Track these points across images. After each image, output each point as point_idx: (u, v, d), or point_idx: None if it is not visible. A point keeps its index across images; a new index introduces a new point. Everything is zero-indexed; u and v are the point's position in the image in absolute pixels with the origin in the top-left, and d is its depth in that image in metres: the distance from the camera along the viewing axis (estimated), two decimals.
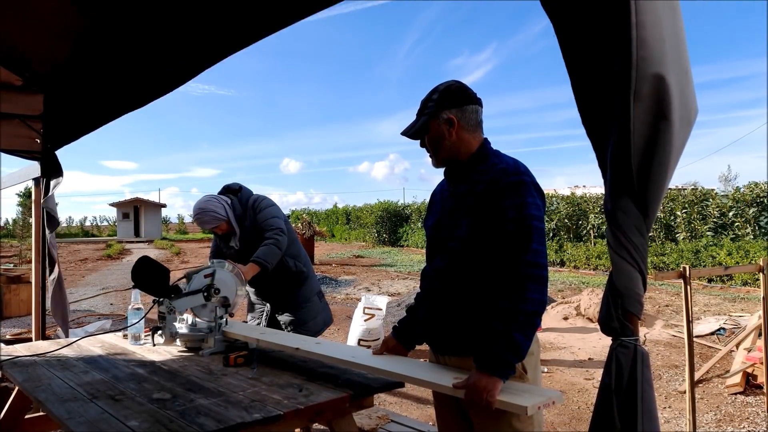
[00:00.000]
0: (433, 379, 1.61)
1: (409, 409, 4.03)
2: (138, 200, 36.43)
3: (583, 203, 16.31)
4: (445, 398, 1.68)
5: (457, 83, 1.72)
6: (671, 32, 1.13)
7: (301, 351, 2.03)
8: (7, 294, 8.05)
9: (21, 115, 3.58)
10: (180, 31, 2.50)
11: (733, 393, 4.18)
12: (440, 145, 1.70)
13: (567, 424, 3.75)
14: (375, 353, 1.93)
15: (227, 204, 2.79)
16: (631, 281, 1.15)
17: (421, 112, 1.72)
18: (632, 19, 1.07)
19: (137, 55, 2.77)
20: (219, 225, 2.76)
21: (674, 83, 1.11)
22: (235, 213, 2.80)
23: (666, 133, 1.11)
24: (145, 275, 2.38)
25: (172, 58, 2.63)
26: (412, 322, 1.88)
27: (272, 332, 2.53)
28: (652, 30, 1.09)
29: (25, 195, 18.62)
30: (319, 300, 2.96)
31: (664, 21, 1.11)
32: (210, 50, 2.45)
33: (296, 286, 2.88)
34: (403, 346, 1.90)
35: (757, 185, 12.61)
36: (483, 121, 1.73)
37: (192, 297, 2.43)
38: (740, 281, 10.83)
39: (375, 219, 25.60)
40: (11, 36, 2.73)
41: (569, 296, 8.53)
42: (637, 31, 1.08)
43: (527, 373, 1.60)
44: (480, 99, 1.73)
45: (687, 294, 3.11)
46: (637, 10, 1.08)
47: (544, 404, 1.41)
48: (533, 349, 1.61)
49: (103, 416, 1.56)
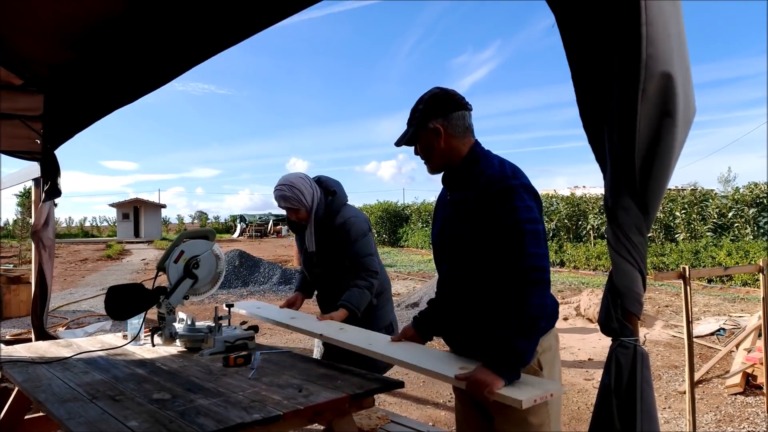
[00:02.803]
0: (441, 369, 1.62)
1: (409, 409, 4.03)
2: (138, 201, 36.44)
3: (583, 204, 16.31)
4: (465, 395, 1.69)
5: (442, 90, 1.73)
6: (676, 30, 1.13)
7: (324, 337, 2.15)
8: (7, 294, 8.05)
9: (21, 115, 3.58)
10: (178, 25, 2.50)
11: (732, 393, 4.18)
12: (431, 153, 1.73)
13: (567, 424, 3.75)
14: (393, 340, 2.00)
15: (317, 196, 2.48)
16: (631, 281, 1.15)
17: (410, 122, 1.75)
18: (642, 16, 1.07)
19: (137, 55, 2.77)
20: (298, 210, 2.47)
21: (680, 82, 1.11)
22: (317, 215, 2.48)
23: (670, 131, 1.12)
24: (120, 304, 2.34)
25: (168, 50, 2.63)
26: (430, 314, 1.92)
27: (303, 317, 2.51)
28: (660, 28, 1.09)
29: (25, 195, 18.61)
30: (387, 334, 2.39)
31: (670, 19, 1.11)
32: (209, 42, 2.44)
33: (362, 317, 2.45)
34: (420, 336, 1.96)
35: (757, 185, 12.61)
36: (473, 124, 1.74)
37: (181, 286, 2.44)
38: (740, 282, 10.83)
39: (375, 219, 25.61)
40: (11, 36, 2.73)
41: (569, 297, 8.53)
42: (646, 28, 1.07)
43: (543, 369, 1.60)
44: (467, 103, 1.73)
45: (687, 294, 3.11)
46: (646, 8, 1.07)
47: (541, 397, 1.42)
48: (551, 344, 1.63)
49: (103, 416, 1.56)
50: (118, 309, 2.33)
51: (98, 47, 2.83)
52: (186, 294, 2.49)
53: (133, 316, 2.45)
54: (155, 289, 2.41)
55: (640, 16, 1.07)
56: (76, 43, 2.80)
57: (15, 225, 24.87)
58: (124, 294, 2.36)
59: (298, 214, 2.50)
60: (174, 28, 2.51)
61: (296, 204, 2.46)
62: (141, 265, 16.94)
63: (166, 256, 2.46)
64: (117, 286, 2.38)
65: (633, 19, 1.08)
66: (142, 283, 2.44)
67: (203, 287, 2.56)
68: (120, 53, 2.83)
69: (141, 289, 2.39)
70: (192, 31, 2.46)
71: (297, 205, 2.46)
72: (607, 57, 1.14)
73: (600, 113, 1.17)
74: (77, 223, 45.35)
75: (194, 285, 2.50)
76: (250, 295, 10.10)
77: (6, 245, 21.55)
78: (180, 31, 2.50)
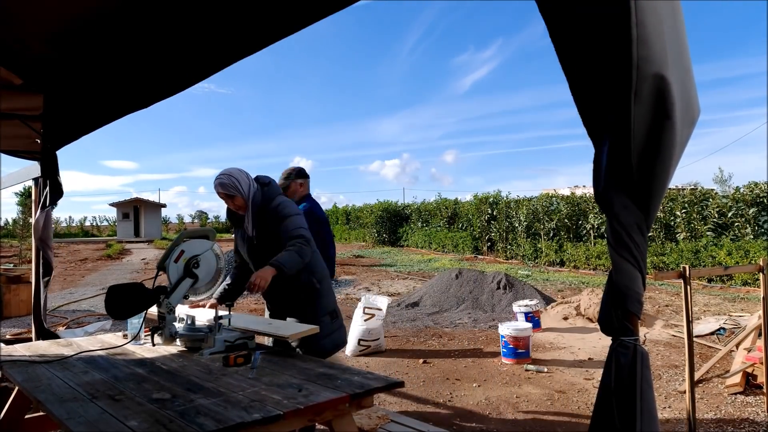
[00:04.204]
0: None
1: (409, 409, 4.03)
2: (138, 200, 36.46)
3: (583, 203, 16.30)
4: None
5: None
6: (672, 31, 1.13)
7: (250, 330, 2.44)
8: (7, 294, 8.05)
9: (21, 115, 3.58)
10: (182, 37, 2.49)
11: (733, 393, 4.18)
12: None
13: (567, 424, 3.75)
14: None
15: (254, 188, 2.70)
16: (631, 280, 1.15)
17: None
18: (632, 18, 1.07)
19: (137, 55, 2.77)
20: (235, 197, 2.66)
21: (676, 83, 1.11)
22: (254, 202, 2.70)
23: (669, 132, 1.11)
24: (120, 304, 2.35)
25: (174, 61, 2.63)
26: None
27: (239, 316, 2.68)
28: (653, 29, 1.08)
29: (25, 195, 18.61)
30: (331, 320, 2.78)
31: (664, 20, 1.11)
32: (213, 56, 2.44)
33: (306, 302, 2.74)
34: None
35: (757, 185, 12.61)
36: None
37: (181, 286, 2.44)
38: (740, 281, 10.84)
39: (375, 219, 25.61)
40: (11, 36, 2.73)
41: (569, 296, 8.53)
42: (637, 30, 1.07)
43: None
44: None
45: (687, 294, 3.11)
46: (637, 9, 1.07)
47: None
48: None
49: (102, 416, 1.56)
50: (119, 308, 2.33)
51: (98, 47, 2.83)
52: (186, 293, 2.49)
53: (133, 315, 2.45)
54: (155, 288, 2.41)
55: (630, 18, 1.07)
56: (75, 43, 2.80)
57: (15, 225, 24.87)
58: (124, 293, 2.36)
59: (235, 201, 2.69)
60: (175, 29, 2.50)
61: (233, 191, 2.64)
62: (141, 265, 16.95)
63: (166, 255, 2.46)
64: (117, 285, 2.38)
65: (623, 20, 1.07)
66: (142, 282, 2.44)
67: (203, 287, 2.56)
68: (120, 53, 2.83)
69: (141, 288, 2.39)
70: (200, 34, 2.43)
71: (233, 192, 2.64)
72: (599, 59, 1.13)
73: (601, 116, 1.17)
74: (77, 223, 45.38)
75: (194, 284, 2.50)
76: (250, 295, 10.11)
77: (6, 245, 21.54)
78: (186, 33, 2.49)
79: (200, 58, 2.53)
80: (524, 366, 5.13)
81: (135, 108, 2.98)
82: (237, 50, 2.33)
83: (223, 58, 2.40)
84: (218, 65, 2.45)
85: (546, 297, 8.62)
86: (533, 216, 17.05)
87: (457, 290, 8.73)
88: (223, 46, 2.39)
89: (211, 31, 2.37)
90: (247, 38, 2.25)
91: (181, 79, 2.68)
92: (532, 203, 17.54)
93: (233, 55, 2.35)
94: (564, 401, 4.19)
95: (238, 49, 2.32)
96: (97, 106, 3.20)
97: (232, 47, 2.35)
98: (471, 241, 19.30)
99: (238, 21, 2.21)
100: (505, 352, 5.31)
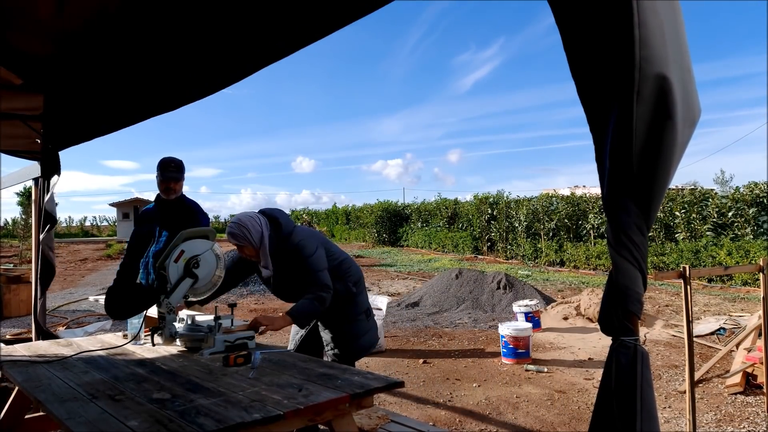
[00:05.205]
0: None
1: (409, 409, 4.03)
2: (138, 200, 36.41)
3: (583, 203, 16.30)
4: None
5: None
6: (672, 31, 1.13)
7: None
8: (7, 294, 8.05)
9: (21, 115, 3.58)
10: (186, 42, 2.45)
11: (733, 393, 4.18)
12: None
13: (567, 424, 3.75)
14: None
15: (267, 231, 2.64)
16: (632, 280, 1.15)
17: None
18: (634, 18, 1.07)
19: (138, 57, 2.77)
20: (245, 247, 2.63)
21: (677, 83, 1.11)
22: (270, 245, 2.65)
23: (670, 133, 1.11)
24: (120, 304, 2.34)
25: (177, 68, 2.58)
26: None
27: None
28: (654, 30, 1.09)
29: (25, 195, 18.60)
30: (366, 319, 2.80)
31: (665, 20, 1.11)
32: (210, 78, 2.36)
33: (345, 303, 2.74)
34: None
35: (757, 185, 12.61)
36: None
37: (181, 286, 2.44)
38: (740, 281, 10.84)
39: (375, 219, 25.61)
40: (11, 36, 2.73)
41: (569, 296, 8.53)
42: (639, 30, 1.07)
43: None
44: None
45: (687, 294, 3.11)
46: (639, 10, 1.07)
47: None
48: None
49: (102, 416, 1.56)
50: (118, 308, 2.33)
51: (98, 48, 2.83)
52: (186, 294, 2.49)
53: (133, 315, 2.45)
54: (155, 288, 2.41)
55: (633, 18, 1.07)
56: (75, 43, 2.80)
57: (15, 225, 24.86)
58: (124, 293, 2.36)
59: (246, 251, 2.66)
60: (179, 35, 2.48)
61: (243, 241, 2.61)
62: None
63: (166, 255, 2.46)
64: (117, 285, 2.38)
65: (625, 21, 1.08)
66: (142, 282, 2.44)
67: (203, 287, 2.56)
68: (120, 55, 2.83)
69: (141, 288, 2.39)
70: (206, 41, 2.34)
71: (244, 242, 2.61)
72: (603, 59, 1.13)
73: (604, 115, 1.17)
74: (77, 223, 45.41)
75: (194, 285, 2.50)
76: (250, 295, 10.11)
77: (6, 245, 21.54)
78: (190, 39, 2.45)
79: (203, 67, 2.42)
80: (524, 366, 5.13)
81: (137, 116, 2.95)
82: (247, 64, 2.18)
83: (235, 69, 2.25)
84: (228, 77, 2.31)
85: (546, 297, 8.62)
86: (533, 216, 17.06)
87: (457, 290, 8.73)
88: (235, 55, 2.23)
89: (218, 37, 2.26)
90: (258, 49, 2.12)
91: (186, 91, 2.58)
92: (532, 203, 17.54)
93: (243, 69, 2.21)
94: (564, 401, 4.19)
95: (249, 62, 2.18)
96: (98, 107, 3.19)
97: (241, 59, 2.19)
98: (471, 241, 19.30)
99: (250, 30, 2.10)
100: (505, 352, 5.31)
